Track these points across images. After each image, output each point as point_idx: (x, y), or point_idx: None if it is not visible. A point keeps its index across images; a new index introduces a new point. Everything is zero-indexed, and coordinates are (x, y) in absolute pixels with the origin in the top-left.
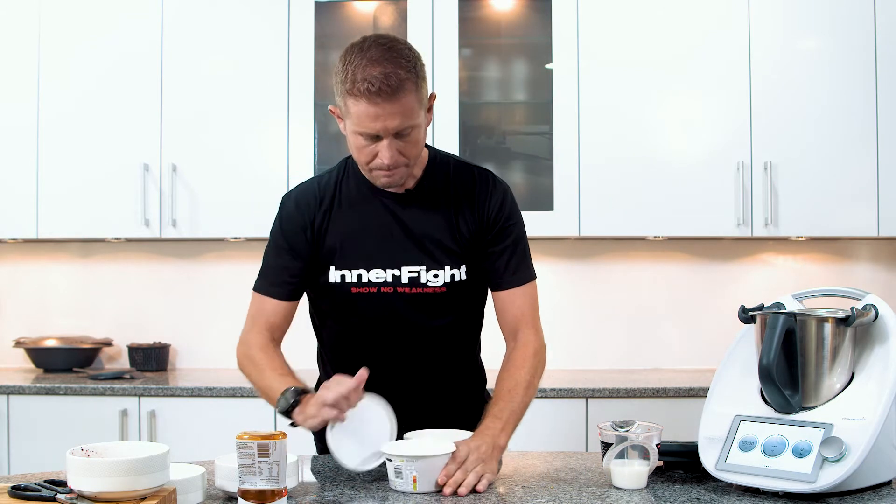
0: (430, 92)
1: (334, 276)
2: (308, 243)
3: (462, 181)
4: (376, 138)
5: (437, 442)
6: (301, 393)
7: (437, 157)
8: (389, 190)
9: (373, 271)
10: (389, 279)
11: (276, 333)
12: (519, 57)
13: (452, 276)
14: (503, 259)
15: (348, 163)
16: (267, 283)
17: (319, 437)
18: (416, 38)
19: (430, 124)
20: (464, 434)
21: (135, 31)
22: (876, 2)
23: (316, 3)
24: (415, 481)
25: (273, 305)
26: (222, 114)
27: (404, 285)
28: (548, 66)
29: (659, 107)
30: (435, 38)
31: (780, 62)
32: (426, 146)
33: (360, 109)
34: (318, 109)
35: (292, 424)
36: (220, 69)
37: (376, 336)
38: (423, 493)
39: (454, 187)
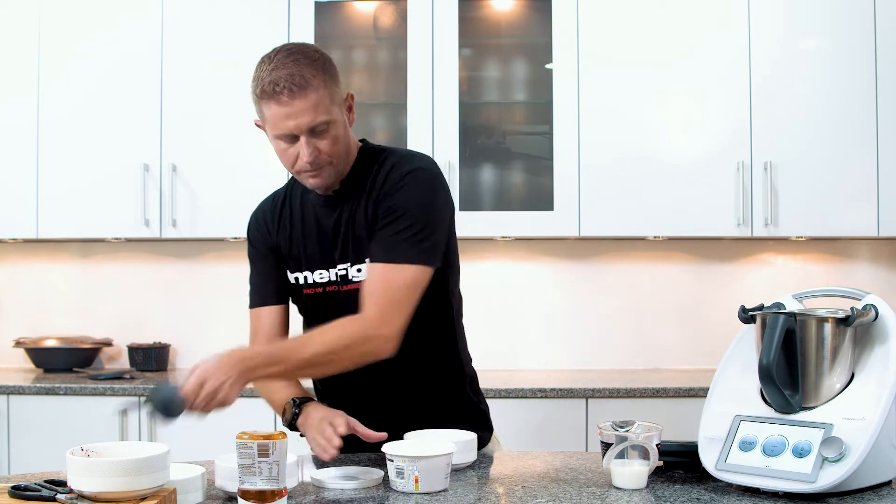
0: (347, 93)
1: (291, 278)
2: (270, 250)
3: (381, 171)
4: (294, 139)
5: (436, 442)
6: (302, 403)
7: (370, 152)
8: (320, 192)
9: (316, 272)
10: (333, 278)
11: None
12: (519, 57)
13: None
14: (380, 234)
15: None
16: (256, 296)
17: None
18: (416, 38)
19: (352, 124)
20: (464, 434)
21: (135, 31)
22: (876, 2)
23: (316, 3)
24: (416, 481)
25: (268, 314)
26: (222, 114)
27: (340, 283)
28: (548, 66)
29: (659, 107)
30: (435, 38)
31: (780, 62)
32: (368, 145)
33: (272, 112)
34: None
35: (301, 435)
36: (220, 69)
37: None
38: (425, 494)
39: (377, 178)
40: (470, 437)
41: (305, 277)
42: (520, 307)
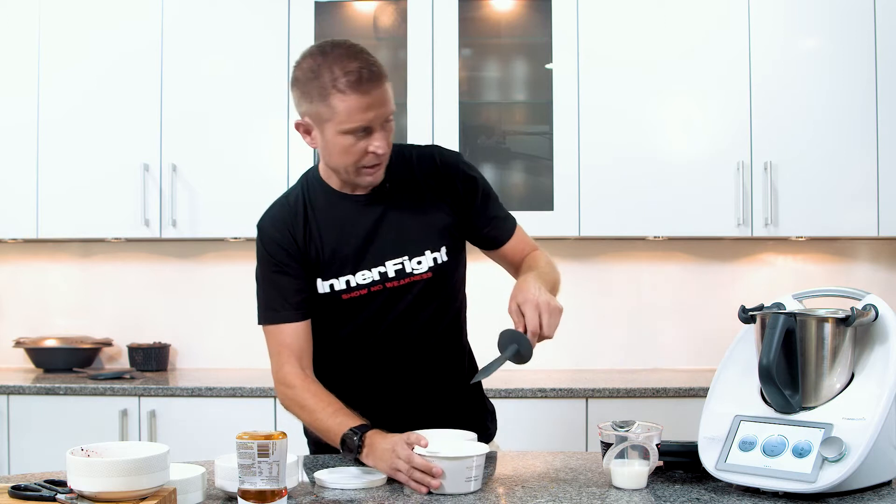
0: None
1: (322, 287)
2: (296, 260)
3: (422, 166)
4: (365, 133)
5: (454, 442)
6: (363, 433)
7: (395, 149)
8: (357, 193)
9: (359, 274)
10: (377, 277)
11: (304, 361)
12: (519, 57)
13: (434, 259)
14: (489, 220)
15: (308, 176)
16: (274, 312)
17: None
18: (416, 38)
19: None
20: (467, 434)
21: (135, 31)
22: (876, 2)
23: (316, 3)
24: (442, 482)
25: (291, 331)
26: (222, 114)
27: (392, 279)
28: (548, 66)
29: (659, 107)
30: (435, 38)
31: (780, 62)
32: None
33: (348, 104)
34: None
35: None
36: (220, 69)
37: (367, 339)
38: (449, 495)
39: (417, 172)
40: (470, 436)
41: (347, 282)
42: None
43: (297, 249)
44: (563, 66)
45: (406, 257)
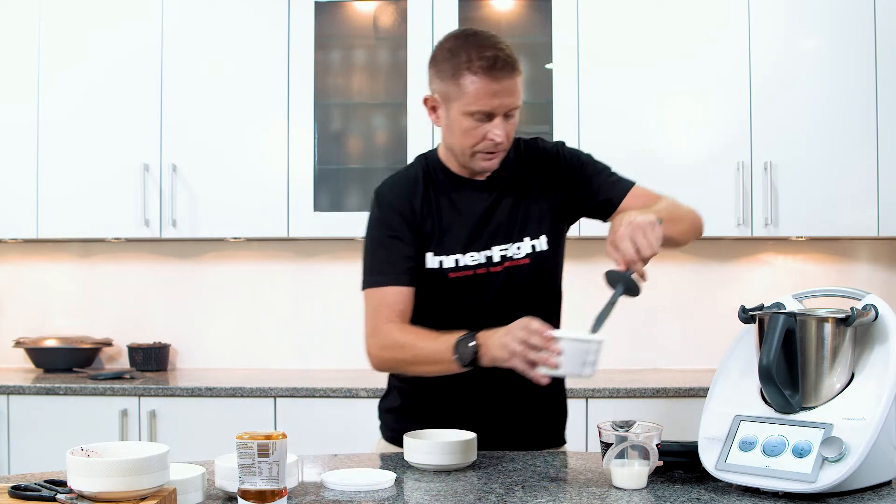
0: None
1: (432, 261)
2: (411, 230)
3: (528, 154)
4: (488, 118)
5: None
6: (474, 334)
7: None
8: (479, 177)
9: (468, 255)
10: (483, 260)
11: (405, 320)
12: (519, 57)
13: (533, 246)
14: (599, 186)
15: (427, 157)
16: (383, 275)
17: (395, 422)
18: (416, 38)
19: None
20: (465, 434)
21: (135, 31)
22: (876, 2)
23: (316, 3)
24: (559, 360)
25: (395, 293)
26: (222, 114)
27: (496, 264)
28: (548, 66)
29: (659, 107)
30: (435, 38)
31: (780, 62)
32: None
33: (478, 87)
34: (318, 109)
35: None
36: (220, 69)
37: (465, 323)
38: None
39: (525, 161)
40: (470, 437)
41: (456, 261)
42: None
43: (413, 219)
44: (563, 66)
45: (510, 244)
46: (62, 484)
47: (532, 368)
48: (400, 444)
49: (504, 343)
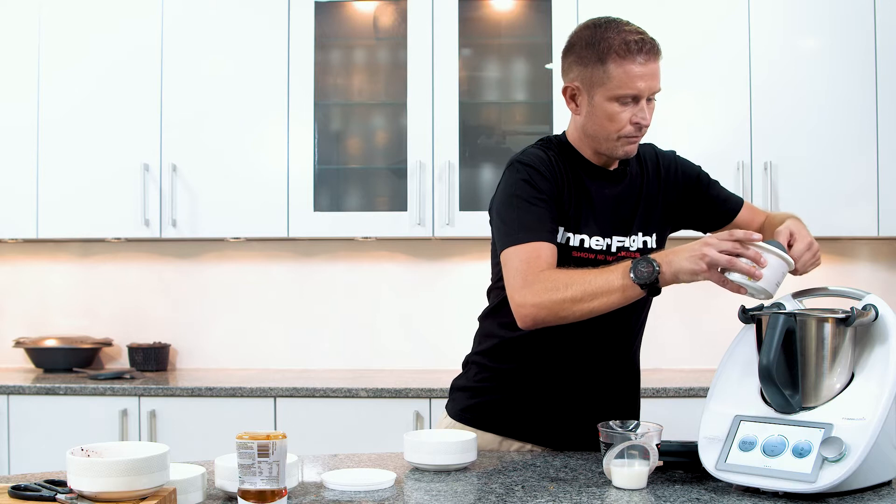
0: None
1: (562, 236)
2: (552, 198)
3: (646, 157)
4: (632, 102)
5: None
6: (648, 259)
7: None
8: (607, 167)
9: (594, 238)
10: (604, 247)
11: None
12: (519, 57)
13: (644, 242)
14: (719, 194)
15: (554, 141)
16: (535, 231)
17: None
18: (416, 38)
19: None
20: (464, 434)
21: (135, 31)
22: (876, 2)
23: (316, 3)
24: (763, 271)
25: (548, 248)
26: (222, 114)
27: (612, 253)
28: (548, 66)
29: (659, 106)
30: (435, 38)
31: (780, 62)
32: None
33: (625, 70)
34: (318, 109)
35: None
36: (220, 69)
37: None
38: (759, 290)
39: (644, 162)
40: (470, 437)
41: (582, 241)
42: None
43: (554, 189)
44: None
45: (626, 237)
46: (62, 484)
47: (726, 281)
48: (465, 422)
49: (702, 253)
